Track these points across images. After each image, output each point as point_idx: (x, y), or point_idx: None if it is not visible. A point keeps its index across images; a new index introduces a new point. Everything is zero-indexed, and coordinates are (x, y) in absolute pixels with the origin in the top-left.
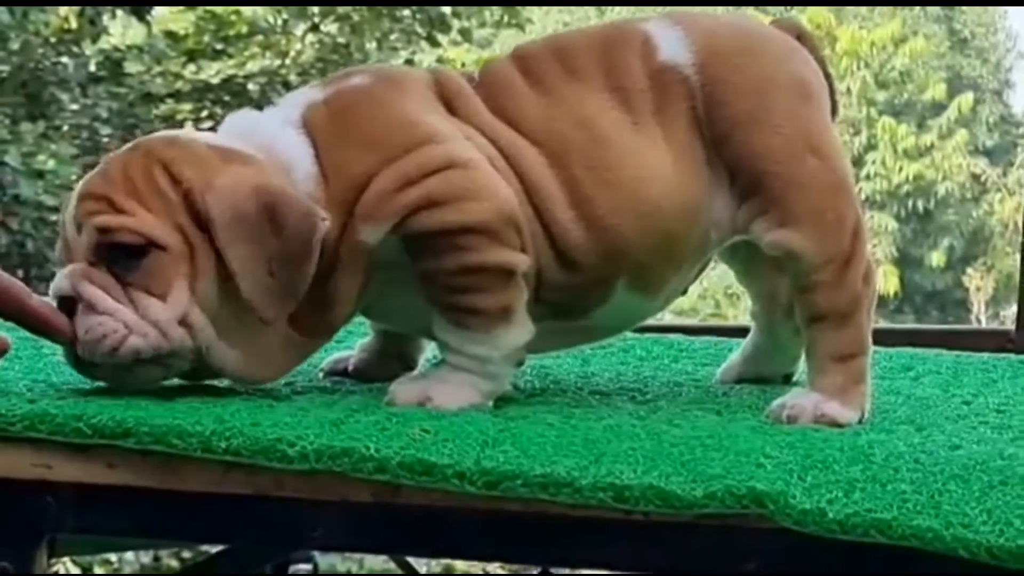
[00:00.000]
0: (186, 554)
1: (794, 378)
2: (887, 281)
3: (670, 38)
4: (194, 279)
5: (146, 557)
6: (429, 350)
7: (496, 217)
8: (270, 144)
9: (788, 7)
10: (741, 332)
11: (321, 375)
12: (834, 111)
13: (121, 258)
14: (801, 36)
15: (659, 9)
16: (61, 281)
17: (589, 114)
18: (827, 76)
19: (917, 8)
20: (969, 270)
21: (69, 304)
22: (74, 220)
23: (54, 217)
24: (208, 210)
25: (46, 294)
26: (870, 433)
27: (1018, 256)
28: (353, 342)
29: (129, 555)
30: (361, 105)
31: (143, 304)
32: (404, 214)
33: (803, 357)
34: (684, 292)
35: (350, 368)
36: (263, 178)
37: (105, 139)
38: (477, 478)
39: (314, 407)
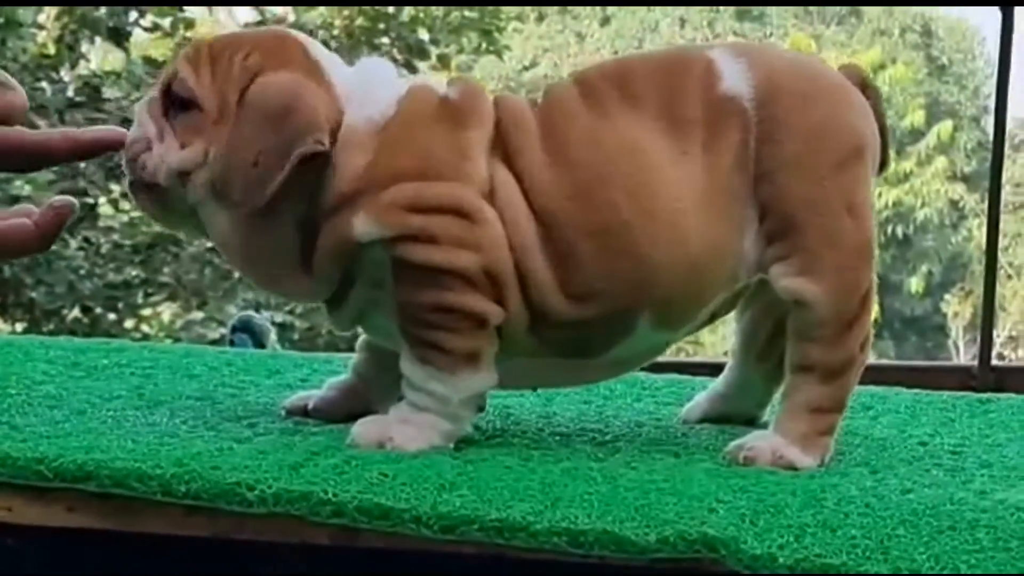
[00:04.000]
0: None
1: (759, 423)
2: None
3: (733, 69)
4: (211, 143)
5: None
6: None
7: (479, 270)
8: (367, 89)
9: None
10: (705, 368)
11: (283, 413)
12: (884, 164)
13: (176, 102)
14: (865, 86)
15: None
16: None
17: (639, 141)
18: (882, 129)
19: (896, 35)
20: (947, 296)
21: None
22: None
23: None
24: (247, 94)
25: (21, 321)
26: (824, 477)
27: (996, 283)
28: (318, 381)
29: None
30: (444, 119)
31: (167, 144)
32: (398, 234)
33: (769, 404)
34: (713, 320)
35: (310, 407)
36: (305, 87)
37: (83, 165)
38: (433, 522)
39: (274, 450)
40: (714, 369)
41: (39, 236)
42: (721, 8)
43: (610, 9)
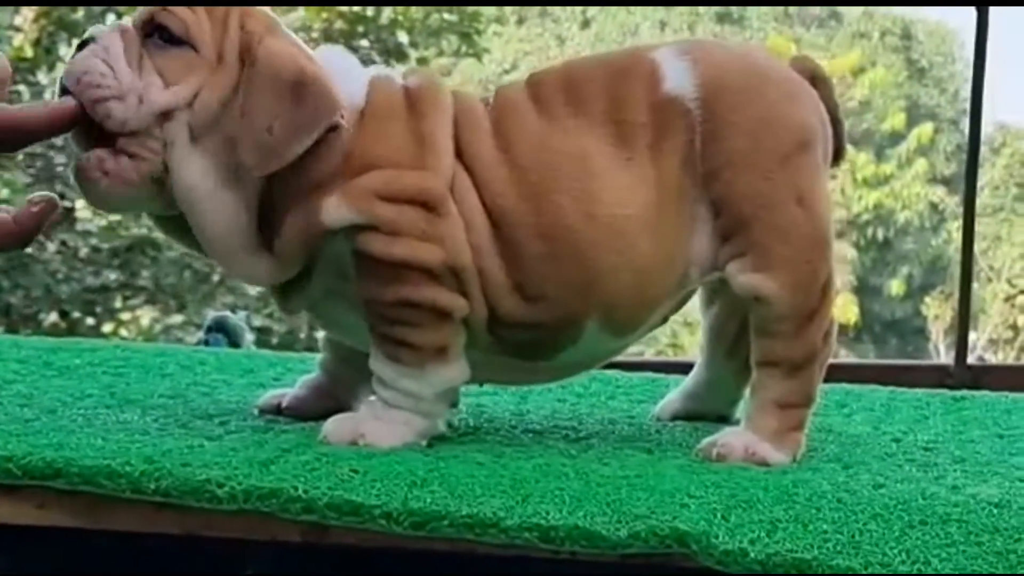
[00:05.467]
0: None
1: (731, 420)
2: (846, 310)
3: (677, 69)
4: (202, 88)
5: None
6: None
7: (440, 264)
8: (339, 75)
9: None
10: (679, 368)
11: (256, 411)
12: (840, 155)
13: (160, 36)
14: (815, 78)
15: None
16: (98, 27)
17: (585, 148)
18: (835, 121)
19: (876, 38)
20: (927, 299)
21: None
22: None
23: None
24: (255, 56)
25: None
26: (796, 472)
27: (976, 285)
28: (292, 380)
29: None
30: (409, 109)
31: (148, 78)
32: (365, 222)
33: (741, 401)
34: (664, 321)
35: (283, 405)
36: (311, 64)
37: (60, 168)
38: (404, 519)
39: (245, 447)
40: (690, 369)
41: (18, 233)
42: (701, 11)
43: (590, 12)
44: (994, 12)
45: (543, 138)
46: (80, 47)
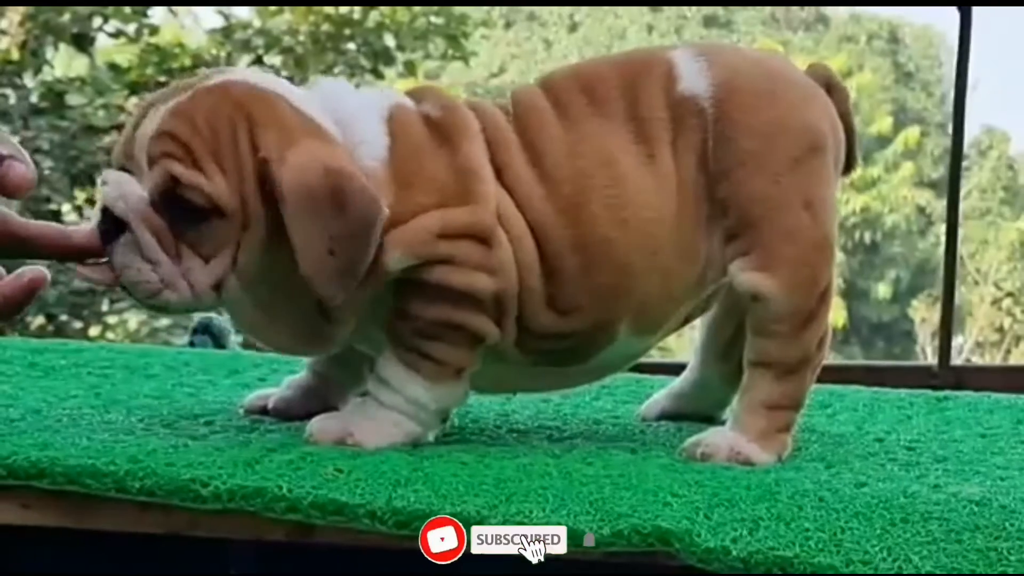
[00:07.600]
0: None
1: (716, 423)
2: (834, 313)
3: (692, 69)
4: (240, 249)
5: None
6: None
7: (492, 295)
8: (350, 122)
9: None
10: (663, 369)
11: (242, 412)
12: (851, 165)
13: (183, 212)
14: (831, 86)
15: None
16: (117, 200)
17: (612, 151)
18: (848, 130)
19: (863, 42)
20: (915, 302)
21: (115, 224)
22: (147, 152)
23: None
24: (280, 185)
25: None
26: (778, 471)
27: (963, 288)
28: (277, 380)
29: None
30: (440, 142)
31: (187, 263)
32: (427, 260)
33: (728, 405)
34: (686, 322)
35: (269, 406)
36: (335, 159)
37: (47, 171)
38: (388, 518)
39: (230, 446)
40: (678, 370)
41: (3, 305)
42: (688, 15)
43: (578, 16)
44: (983, 15)
45: (571, 145)
46: (104, 218)
